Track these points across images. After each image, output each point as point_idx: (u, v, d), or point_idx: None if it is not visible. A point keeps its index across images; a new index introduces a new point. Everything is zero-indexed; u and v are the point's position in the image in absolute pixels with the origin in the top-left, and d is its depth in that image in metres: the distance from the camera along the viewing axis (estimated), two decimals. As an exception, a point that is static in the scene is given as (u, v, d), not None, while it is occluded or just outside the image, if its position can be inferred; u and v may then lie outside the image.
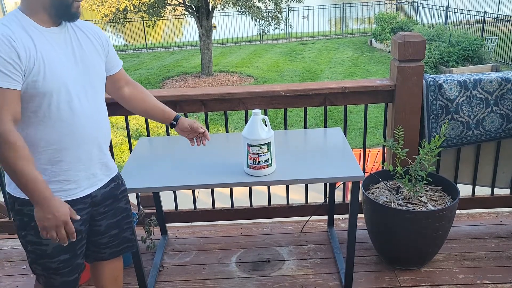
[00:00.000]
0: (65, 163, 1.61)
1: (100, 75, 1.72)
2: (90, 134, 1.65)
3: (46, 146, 1.57)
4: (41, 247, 1.66)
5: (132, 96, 1.95)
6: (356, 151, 5.88)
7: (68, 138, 1.59)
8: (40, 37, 1.51)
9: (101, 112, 1.71)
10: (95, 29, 1.74)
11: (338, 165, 2.09)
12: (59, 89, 1.53)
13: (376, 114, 9.26)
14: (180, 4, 12.98)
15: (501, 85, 2.51)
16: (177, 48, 18.80)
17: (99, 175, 1.74)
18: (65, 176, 1.63)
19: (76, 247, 1.72)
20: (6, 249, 2.82)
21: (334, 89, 2.55)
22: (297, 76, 13.27)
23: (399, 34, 2.50)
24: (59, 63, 1.54)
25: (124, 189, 1.89)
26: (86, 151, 1.65)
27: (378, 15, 17.82)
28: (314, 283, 2.41)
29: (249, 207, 2.91)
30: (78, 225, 1.67)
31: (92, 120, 1.65)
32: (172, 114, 2.02)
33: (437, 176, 2.53)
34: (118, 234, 1.88)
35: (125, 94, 1.93)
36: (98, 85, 1.70)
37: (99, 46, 1.71)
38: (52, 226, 1.50)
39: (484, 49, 12.86)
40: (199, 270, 2.55)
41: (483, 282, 2.34)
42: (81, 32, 1.66)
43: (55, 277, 1.72)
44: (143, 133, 9.04)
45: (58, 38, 1.57)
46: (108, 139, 1.77)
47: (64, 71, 1.55)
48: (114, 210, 1.84)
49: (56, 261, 1.68)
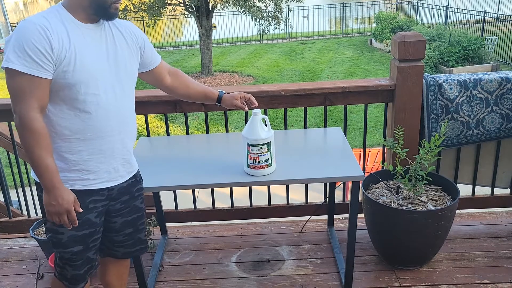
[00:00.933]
0: (86, 154, 1.65)
1: (130, 74, 1.75)
2: (114, 129, 1.68)
3: (70, 135, 1.62)
4: (57, 235, 1.70)
5: (175, 85, 2.04)
6: (356, 151, 5.88)
7: (92, 130, 1.63)
8: (75, 31, 1.57)
9: (127, 109, 1.74)
10: (131, 28, 1.79)
11: (338, 164, 2.09)
12: (87, 81, 1.58)
13: (376, 114, 9.26)
14: (180, 4, 12.97)
15: (501, 84, 2.51)
16: (177, 48, 18.79)
17: (121, 171, 1.77)
18: (85, 166, 1.66)
19: (89, 240, 1.74)
20: (6, 249, 2.82)
21: (334, 88, 2.55)
22: (297, 75, 13.26)
23: (399, 33, 2.50)
24: (90, 57, 1.59)
25: (140, 187, 1.90)
26: (108, 145, 1.68)
27: (378, 14, 17.81)
28: (314, 283, 2.41)
29: (249, 207, 2.91)
30: (93, 216, 1.71)
31: (117, 116, 1.68)
32: (214, 96, 2.11)
33: (437, 175, 2.53)
34: (133, 234, 1.90)
35: (168, 84, 2.02)
36: (126, 83, 1.73)
37: (133, 45, 1.76)
38: (56, 212, 1.57)
39: (484, 49, 12.85)
40: (199, 270, 2.55)
41: (483, 282, 2.34)
42: (117, 30, 1.72)
43: (68, 268, 1.76)
44: (143, 133, 9.04)
45: (94, 34, 1.63)
46: (133, 136, 1.80)
47: (94, 65, 1.60)
48: (130, 208, 1.85)
49: (69, 252, 1.72)
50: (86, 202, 1.68)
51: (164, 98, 2.57)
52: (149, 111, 2.65)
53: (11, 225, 2.94)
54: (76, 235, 1.69)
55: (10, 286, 2.50)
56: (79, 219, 1.65)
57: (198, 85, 2.10)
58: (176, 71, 2.05)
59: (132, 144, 1.80)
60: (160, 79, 1.99)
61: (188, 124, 2.78)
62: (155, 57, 1.92)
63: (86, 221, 1.70)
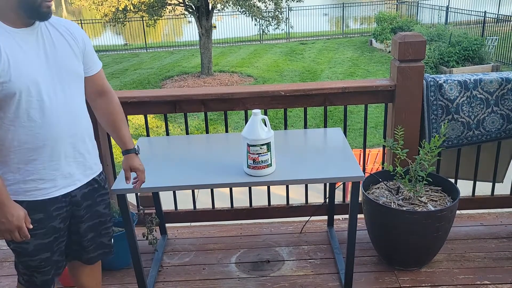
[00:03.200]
0: (39, 162, 1.61)
1: (75, 74, 1.68)
2: (63, 133, 1.63)
3: (19, 145, 1.57)
4: (22, 245, 1.68)
5: (99, 108, 1.86)
6: (356, 151, 5.88)
7: (40, 137, 1.58)
8: (7, 39, 1.50)
9: (76, 111, 1.68)
10: (71, 27, 1.70)
11: (338, 165, 2.09)
12: (27, 89, 1.52)
13: (376, 114, 9.26)
14: (180, 4, 12.97)
15: (501, 85, 2.50)
16: (177, 48, 18.79)
17: (77, 174, 1.73)
18: (40, 175, 1.63)
19: (55, 244, 1.73)
20: (5, 249, 2.81)
21: (334, 89, 2.55)
22: (297, 76, 13.26)
23: (399, 34, 2.49)
24: (27, 63, 1.53)
25: (104, 192, 1.87)
26: (59, 150, 1.64)
27: (378, 15, 17.81)
28: (314, 284, 2.40)
29: (249, 207, 2.90)
30: (58, 223, 1.70)
31: (65, 119, 1.63)
32: (123, 147, 1.91)
33: (437, 176, 2.52)
34: (95, 238, 1.87)
35: (95, 103, 1.85)
36: (72, 84, 1.66)
37: (74, 45, 1.68)
38: (6, 229, 1.55)
39: (484, 49, 12.86)
40: (199, 270, 2.55)
41: (483, 282, 2.34)
42: (55, 30, 1.64)
43: (36, 275, 1.74)
44: (142, 133, 9.03)
45: (29, 38, 1.56)
46: (87, 136, 1.75)
47: (32, 71, 1.54)
48: (92, 213, 1.83)
49: (37, 259, 1.70)
50: (50, 211, 1.66)
51: (164, 98, 2.57)
52: (149, 111, 2.65)
53: (10, 225, 2.93)
54: (42, 243, 1.68)
55: (9, 287, 2.49)
56: (43, 228, 1.64)
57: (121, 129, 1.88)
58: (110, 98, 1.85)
59: (88, 145, 1.75)
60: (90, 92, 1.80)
61: (188, 124, 2.78)
62: (92, 64, 1.77)
63: (50, 229, 1.68)
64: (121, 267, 2.57)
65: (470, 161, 2.75)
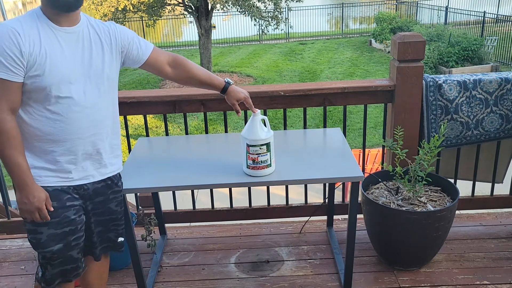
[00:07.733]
0: (57, 154, 1.68)
1: (106, 76, 1.75)
2: (86, 131, 1.70)
3: (42, 136, 1.65)
4: (36, 235, 1.72)
5: (176, 76, 2.02)
6: (356, 152, 5.88)
7: (63, 131, 1.66)
8: (49, 34, 1.60)
9: (103, 111, 1.75)
10: (107, 28, 1.78)
11: (337, 165, 2.09)
12: (58, 84, 1.60)
13: (376, 114, 9.27)
14: (179, 4, 12.96)
15: (500, 85, 2.50)
16: (176, 48, 18.78)
17: (90, 170, 1.78)
18: (58, 166, 1.70)
19: (71, 238, 1.74)
20: (5, 249, 2.81)
21: (334, 89, 2.55)
22: (296, 76, 13.26)
23: (399, 34, 2.49)
24: (62, 60, 1.61)
25: (117, 190, 1.90)
26: (79, 146, 1.71)
27: (377, 15, 17.81)
28: (313, 284, 2.40)
29: (248, 207, 2.90)
30: (72, 214, 1.73)
31: (89, 118, 1.70)
32: (219, 86, 2.06)
33: (437, 176, 2.52)
34: (101, 232, 1.91)
35: (169, 75, 2.00)
36: (101, 86, 1.73)
37: (111, 47, 1.76)
38: (27, 210, 1.64)
39: (484, 49, 12.86)
40: (198, 271, 2.55)
41: (482, 282, 2.34)
42: (95, 33, 1.73)
43: (49, 267, 1.77)
44: (142, 133, 9.03)
45: (70, 37, 1.64)
46: (110, 137, 1.81)
47: (66, 69, 1.62)
48: (103, 209, 1.87)
49: (49, 251, 1.73)
50: (63, 200, 1.71)
51: (163, 98, 2.57)
52: (148, 111, 2.65)
53: (9, 226, 2.93)
54: (55, 233, 1.71)
55: (8, 287, 2.49)
56: (57, 217, 1.68)
57: (202, 74, 2.04)
58: (176, 60, 2.00)
59: (104, 145, 1.79)
60: (158, 69, 1.97)
61: (187, 124, 2.78)
62: (143, 50, 1.89)
63: (64, 219, 1.71)
64: (121, 268, 2.57)
65: (469, 161, 2.75)
